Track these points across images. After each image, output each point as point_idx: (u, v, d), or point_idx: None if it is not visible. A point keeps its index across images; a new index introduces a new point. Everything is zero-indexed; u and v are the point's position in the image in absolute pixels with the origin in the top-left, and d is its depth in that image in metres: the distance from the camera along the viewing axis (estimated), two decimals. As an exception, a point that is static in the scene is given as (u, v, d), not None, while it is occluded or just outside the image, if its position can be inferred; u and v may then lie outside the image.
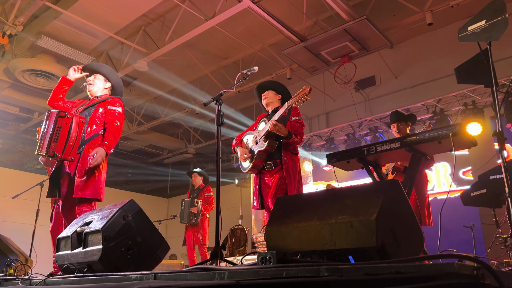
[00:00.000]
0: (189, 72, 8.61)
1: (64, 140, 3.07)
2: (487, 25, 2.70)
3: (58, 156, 3.07)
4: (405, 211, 1.89)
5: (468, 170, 6.73)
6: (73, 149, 3.13)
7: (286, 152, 3.57)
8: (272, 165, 3.60)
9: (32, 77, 8.00)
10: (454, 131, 2.60)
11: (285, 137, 3.47)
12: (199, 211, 6.68)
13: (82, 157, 3.24)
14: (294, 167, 3.58)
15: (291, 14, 6.75)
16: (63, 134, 3.07)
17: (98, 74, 3.65)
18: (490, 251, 4.61)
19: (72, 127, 3.12)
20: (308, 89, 3.29)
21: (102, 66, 3.70)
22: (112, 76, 3.69)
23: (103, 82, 3.64)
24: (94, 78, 3.63)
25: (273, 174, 3.61)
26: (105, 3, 6.51)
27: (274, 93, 3.87)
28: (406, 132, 4.44)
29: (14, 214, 9.60)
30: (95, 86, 3.59)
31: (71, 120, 3.13)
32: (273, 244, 1.98)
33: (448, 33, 7.02)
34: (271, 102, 3.83)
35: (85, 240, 2.30)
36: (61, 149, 3.07)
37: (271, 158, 3.60)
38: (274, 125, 3.37)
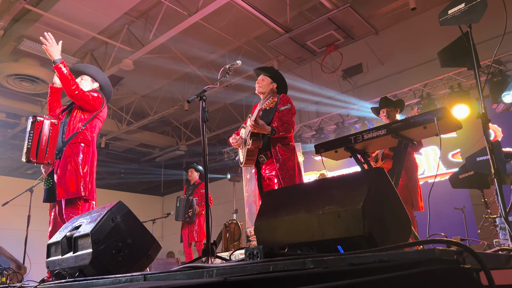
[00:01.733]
0: (175, 68, 8.55)
1: (36, 144, 3.06)
2: (467, 7, 2.71)
3: (33, 161, 3.06)
4: (392, 198, 1.90)
5: (457, 152, 6.79)
6: (47, 153, 3.10)
7: (276, 144, 3.52)
8: (264, 158, 3.57)
9: (17, 81, 7.90)
10: (439, 115, 2.62)
11: (269, 134, 3.43)
12: (194, 209, 6.69)
13: (62, 158, 3.22)
14: (287, 158, 3.52)
15: (274, 5, 6.71)
16: (35, 139, 3.07)
17: (85, 75, 3.61)
18: (481, 231, 4.67)
19: (43, 130, 3.09)
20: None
21: (88, 67, 3.67)
22: (99, 76, 3.65)
23: (90, 83, 3.60)
24: (81, 79, 3.59)
25: (268, 166, 3.59)
26: (86, 3, 6.41)
27: (269, 81, 3.76)
28: (395, 118, 4.46)
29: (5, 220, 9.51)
30: (82, 87, 3.52)
31: (42, 124, 3.10)
32: (262, 238, 1.98)
33: (432, 17, 7.03)
34: (263, 91, 3.75)
35: (75, 244, 2.29)
36: (35, 154, 3.06)
37: (262, 151, 3.56)
38: (254, 127, 3.34)
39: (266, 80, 3.77)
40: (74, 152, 3.24)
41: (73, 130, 3.30)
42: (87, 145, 3.31)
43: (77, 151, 3.25)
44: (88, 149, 3.31)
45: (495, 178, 2.47)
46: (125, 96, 9.83)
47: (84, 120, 3.35)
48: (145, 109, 10.09)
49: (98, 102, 3.42)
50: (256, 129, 3.34)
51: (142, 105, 10.05)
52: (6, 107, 9.19)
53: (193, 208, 6.67)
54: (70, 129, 3.31)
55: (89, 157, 3.29)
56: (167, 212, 7.80)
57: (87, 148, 3.31)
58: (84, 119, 3.35)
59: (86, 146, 3.31)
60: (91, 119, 3.38)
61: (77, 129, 3.29)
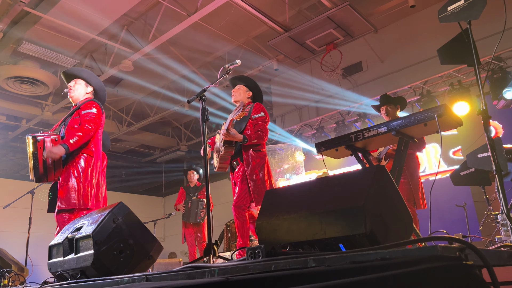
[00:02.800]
0: (175, 69, 8.55)
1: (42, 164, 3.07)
2: (466, 4, 2.70)
3: (45, 181, 3.12)
4: (393, 196, 1.89)
5: (458, 149, 6.79)
6: (56, 170, 3.12)
7: (247, 151, 3.64)
8: (235, 165, 3.74)
9: (17, 84, 7.90)
10: (439, 112, 2.62)
11: (241, 142, 3.56)
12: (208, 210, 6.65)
13: (65, 169, 3.22)
14: (257, 164, 3.63)
15: (273, 4, 6.70)
16: (40, 159, 3.07)
17: (79, 79, 3.55)
18: (483, 228, 4.66)
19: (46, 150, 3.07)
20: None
21: (82, 71, 3.61)
22: (93, 80, 3.58)
23: (84, 87, 3.54)
24: (74, 83, 3.53)
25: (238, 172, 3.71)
26: (85, 5, 6.42)
27: (245, 89, 3.89)
28: (395, 115, 4.45)
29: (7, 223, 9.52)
30: (76, 92, 3.51)
31: (43, 143, 3.08)
32: (264, 237, 1.98)
33: (431, 14, 7.01)
34: (238, 99, 3.87)
35: (76, 246, 2.28)
36: (44, 174, 3.09)
37: (235, 157, 3.72)
38: (226, 135, 3.47)
39: (241, 88, 3.90)
40: (77, 162, 3.23)
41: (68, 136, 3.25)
42: (89, 155, 3.29)
43: (79, 162, 3.23)
44: (90, 159, 3.29)
45: (497, 174, 2.46)
46: (125, 97, 9.83)
47: None
48: (145, 110, 10.09)
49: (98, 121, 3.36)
50: (228, 137, 3.47)
51: (142, 106, 10.05)
52: (7, 110, 9.19)
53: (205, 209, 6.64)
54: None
55: (92, 167, 3.27)
56: (168, 213, 7.78)
57: (90, 158, 3.29)
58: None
59: (89, 156, 3.29)
60: None
61: None
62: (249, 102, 3.87)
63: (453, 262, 0.98)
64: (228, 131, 3.46)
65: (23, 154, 11.25)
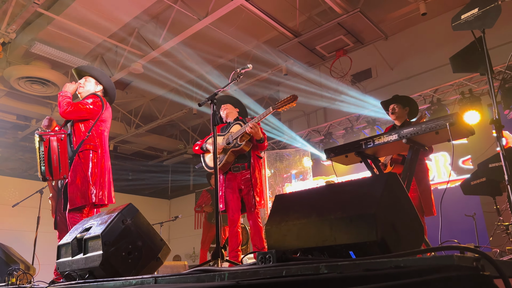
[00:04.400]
0: (184, 72, 8.59)
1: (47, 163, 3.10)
2: (480, 12, 2.68)
3: (50, 179, 3.13)
4: (404, 204, 1.88)
5: (467, 158, 6.72)
6: (61, 169, 3.13)
7: (254, 156, 3.81)
8: (239, 168, 3.80)
9: (28, 84, 7.98)
10: (451, 121, 2.60)
11: (259, 140, 3.70)
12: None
13: (72, 167, 3.22)
14: (260, 171, 3.85)
15: (284, 10, 6.72)
16: (46, 158, 3.10)
17: (89, 76, 3.55)
18: (493, 239, 4.60)
19: (52, 148, 3.11)
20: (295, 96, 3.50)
21: (93, 69, 3.62)
22: (103, 79, 3.58)
23: (94, 85, 3.53)
24: (85, 81, 3.53)
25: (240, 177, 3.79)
26: (97, 7, 6.48)
27: (232, 107, 4.09)
28: (402, 116, 4.29)
29: (15, 221, 9.59)
30: (85, 89, 3.50)
31: (49, 142, 3.12)
32: (273, 242, 1.97)
33: (442, 22, 6.99)
34: (230, 112, 4.03)
35: (85, 246, 2.29)
36: (50, 173, 3.11)
37: (240, 161, 3.81)
38: (253, 127, 3.57)
39: (229, 106, 4.09)
40: (83, 160, 3.23)
41: (79, 139, 3.28)
42: (94, 151, 3.29)
43: (86, 159, 3.23)
44: (96, 155, 3.29)
45: (509, 185, 2.43)
46: (134, 99, 9.89)
47: (88, 127, 3.32)
48: (154, 113, 10.13)
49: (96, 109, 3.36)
50: (254, 129, 3.57)
51: (151, 108, 10.10)
52: (17, 109, 9.29)
53: None
54: (76, 138, 3.30)
55: (99, 163, 3.27)
56: (174, 216, 7.78)
57: (95, 154, 3.28)
58: (87, 127, 3.32)
59: (94, 152, 3.28)
60: (94, 125, 3.34)
61: (83, 137, 3.27)
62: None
63: (470, 272, 0.97)
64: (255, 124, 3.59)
65: (32, 153, 11.34)
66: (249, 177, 3.76)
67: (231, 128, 3.88)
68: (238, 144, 3.68)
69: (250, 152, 3.79)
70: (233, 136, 3.76)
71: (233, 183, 3.80)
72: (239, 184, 3.79)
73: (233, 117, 4.03)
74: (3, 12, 6.46)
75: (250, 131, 3.59)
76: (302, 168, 8.50)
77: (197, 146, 4.11)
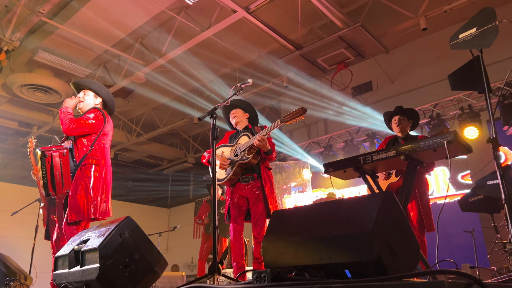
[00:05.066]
0: (186, 82, 8.65)
1: (50, 179, 3.13)
2: (478, 32, 2.72)
3: (53, 195, 3.16)
4: (400, 223, 1.88)
5: (467, 174, 6.73)
6: (64, 184, 3.16)
7: (263, 167, 3.71)
8: (249, 178, 3.69)
9: (30, 91, 8.03)
10: (449, 139, 2.61)
11: (266, 152, 3.60)
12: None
13: (74, 180, 3.24)
14: (270, 181, 3.74)
15: (286, 22, 6.78)
16: (49, 174, 3.13)
17: (88, 90, 3.56)
18: (490, 256, 4.59)
19: (54, 165, 3.14)
20: (304, 110, 3.41)
21: (91, 82, 3.63)
22: (102, 91, 3.59)
23: (93, 98, 3.55)
24: (83, 94, 3.54)
25: (250, 188, 3.69)
26: (101, 16, 6.55)
27: (242, 112, 3.96)
28: (406, 130, 4.25)
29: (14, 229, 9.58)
30: (85, 103, 3.51)
31: (51, 158, 3.14)
32: (269, 259, 1.98)
33: (443, 37, 7.04)
34: (240, 120, 3.91)
35: (82, 258, 2.29)
36: (53, 189, 3.14)
37: (249, 172, 3.70)
38: (261, 140, 3.47)
39: (239, 111, 3.97)
40: (85, 174, 3.24)
41: (81, 153, 3.29)
42: (97, 165, 3.31)
43: (88, 173, 3.24)
44: (98, 169, 3.30)
45: (506, 204, 2.44)
46: (135, 108, 9.93)
47: (90, 141, 3.34)
48: (155, 121, 10.18)
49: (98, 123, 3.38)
50: (262, 142, 3.48)
51: (152, 117, 10.14)
52: (19, 116, 9.34)
53: None
54: (79, 152, 3.31)
55: (101, 177, 3.28)
56: (173, 226, 7.76)
57: (97, 168, 3.30)
58: (90, 140, 3.34)
59: (97, 166, 3.30)
60: (96, 140, 3.35)
61: (85, 151, 3.28)
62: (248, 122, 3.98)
63: (461, 299, 0.98)
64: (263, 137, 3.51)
65: (33, 160, 11.35)
66: (259, 187, 3.66)
67: (239, 139, 3.79)
68: (246, 157, 3.60)
69: (259, 164, 3.70)
70: (240, 148, 3.69)
71: (241, 192, 3.71)
72: (247, 194, 3.69)
73: (242, 125, 3.92)
74: (8, 20, 6.53)
75: (258, 144, 3.50)
76: (302, 180, 8.51)
77: (204, 159, 3.99)
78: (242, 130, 3.89)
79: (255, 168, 3.69)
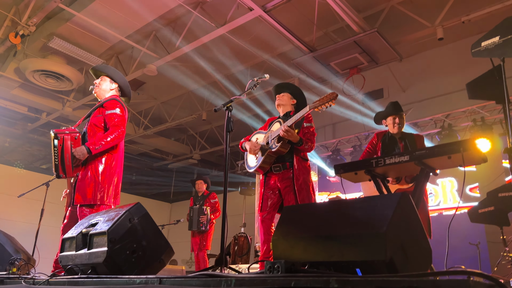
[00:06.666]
0: (197, 78, 8.66)
1: (60, 160, 3.16)
2: (501, 41, 2.69)
3: (63, 177, 3.18)
4: (415, 225, 1.86)
5: (475, 186, 6.68)
6: (73, 168, 3.18)
7: (297, 157, 3.48)
8: (281, 168, 3.48)
9: (42, 77, 8.06)
10: (465, 146, 2.59)
11: (296, 143, 3.38)
12: (209, 219, 6.64)
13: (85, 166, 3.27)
14: (305, 173, 3.49)
15: (301, 24, 6.77)
16: (60, 155, 3.16)
17: (104, 76, 3.65)
18: (497, 269, 4.54)
19: (65, 147, 3.16)
20: (334, 94, 3.18)
21: (107, 67, 3.71)
22: (117, 77, 3.67)
23: (109, 83, 3.63)
24: (100, 80, 3.63)
25: (281, 177, 3.49)
26: (117, 7, 6.56)
27: (289, 97, 3.72)
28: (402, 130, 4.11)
29: (19, 213, 9.62)
30: (101, 88, 3.60)
31: (63, 141, 3.18)
32: (279, 253, 1.96)
33: (458, 49, 7.01)
34: (283, 104, 3.69)
35: (90, 241, 2.29)
36: (63, 170, 3.17)
37: (280, 161, 3.49)
38: (286, 131, 3.27)
39: (286, 95, 3.73)
40: (96, 159, 3.28)
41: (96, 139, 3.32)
42: (109, 153, 3.35)
43: (99, 159, 3.29)
44: (110, 157, 3.34)
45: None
46: (145, 101, 9.95)
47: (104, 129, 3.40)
48: (163, 115, 10.19)
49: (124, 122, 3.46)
50: (287, 133, 3.28)
51: (161, 111, 10.15)
52: (29, 101, 9.37)
53: (207, 216, 6.60)
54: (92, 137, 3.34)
55: (111, 164, 3.32)
56: (176, 219, 7.77)
57: (109, 156, 3.34)
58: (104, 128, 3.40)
59: (109, 154, 3.35)
60: None
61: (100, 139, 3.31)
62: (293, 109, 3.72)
63: (486, 298, 0.96)
64: (290, 127, 3.30)
65: (40, 146, 11.41)
66: (290, 177, 3.43)
67: (272, 126, 3.58)
68: (275, 145, 3.39)
69: (292, 153, 3.47)
70: (272, 135, 3.49)
71: (272, 182, 3.52)
72: (278, 184, 3.49)
73: (284, 110, 3.68)
74: (25, 5, 6.56)
75: (283, 135, 3.29)
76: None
77: (241, 144, 3.80)
78: (282, 115, 3.66)
79: (288, 157, 3.47)
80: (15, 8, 6.67)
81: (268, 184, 3.55)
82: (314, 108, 3.21)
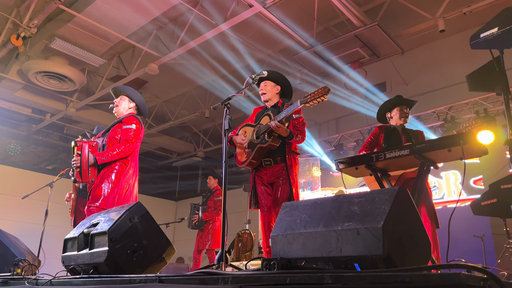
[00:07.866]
0: (199, 76, 8.66)
1: (79, 166, 3.47)
2: (500, 32, 2.67)
3: (79, 181, 3.49)
4: (413, 220, 1.86)
5: (479, 178, 6.64)
6: (89, 173, 3.47)
7: (289, 151, 3.45)
8: (271, 162, 3.42)
9: (45, 78, 8.10)
10: (465, 139, 2.57)
11: (286, 137, 3.32)
12: (201, 218, 6.71)
13: (101, 173, 3.55)
14: (295, 167, 3.46)
15: (302, 19, 6.74)
16: (78, 161, 3.47)
17: (123, 95, 3.97)
18: (501, 261, 4.52)
19: (83, 153, 3.47)
20: (326, 89, 3.14)
21: (126, 88, 4.04)
22: (135, 96, 4.00)
23: (128, 103, 3.96)
24: (119, 99, 3.96)
25: (272, 172, 3.44)
26: (117, 7, 6.57)
27: (272, 84, 3.64)
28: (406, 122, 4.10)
29: (24, 214, 9.70)
30: (120, 107, 3.93)
31: (81, 147, 3.49)
32: (278, 249, 1.96)
33: (460, 40, 6.95)
34: (269, 98, 3.62)
35: (91, 241, 2.31)
36: (79, 175, 3.47)
37: (271, 155, 3.42)
38: (276, 127, 3.21)
39: (269, 84, 3.65)
40: (111, 169, 3.57)
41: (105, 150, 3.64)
42: (125, 164, 3.65)
43: (114, 168, 3.58)
44: (124, 168, 3.64)
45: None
46: (147, 100, 9.98)
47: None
48: (166, 114, 10.21)
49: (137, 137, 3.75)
50: (279, 129, 3.22)
51: (164, 109, 10.18)
52: (33, 103, 9.43)
53: (199, 215, 6.68)
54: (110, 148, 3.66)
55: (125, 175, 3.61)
56: (180, 217, 7.80)
57: (124, 166, 3.64)
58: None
59: (124, 165, 3.65)
60: None
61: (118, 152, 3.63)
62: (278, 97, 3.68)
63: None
64: (281, 122, 3.22)
65: (44, 147, 11.49)
66: (283, 168, 3.38)
67: (262, 119, 3.49)
68: (265, 140, 3.31)
69: (283, 147, 3.41)
70: (261, 129, 3.41)
71: (264, 177, 3.46)
72: (270, 178, 3.43)
73: (272, 102, 3.60)
74: (26, 7, 6.59)
75: (275, 129, 3.21)
76: (311, 178, 8.47)
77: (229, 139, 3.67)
78: (271, 107, 3.58)
79: (279, 151, 3.40)
80: (16, 10, 6.70)
81: (261, 179, 3.50)
82: (305, 103, 3.15)
